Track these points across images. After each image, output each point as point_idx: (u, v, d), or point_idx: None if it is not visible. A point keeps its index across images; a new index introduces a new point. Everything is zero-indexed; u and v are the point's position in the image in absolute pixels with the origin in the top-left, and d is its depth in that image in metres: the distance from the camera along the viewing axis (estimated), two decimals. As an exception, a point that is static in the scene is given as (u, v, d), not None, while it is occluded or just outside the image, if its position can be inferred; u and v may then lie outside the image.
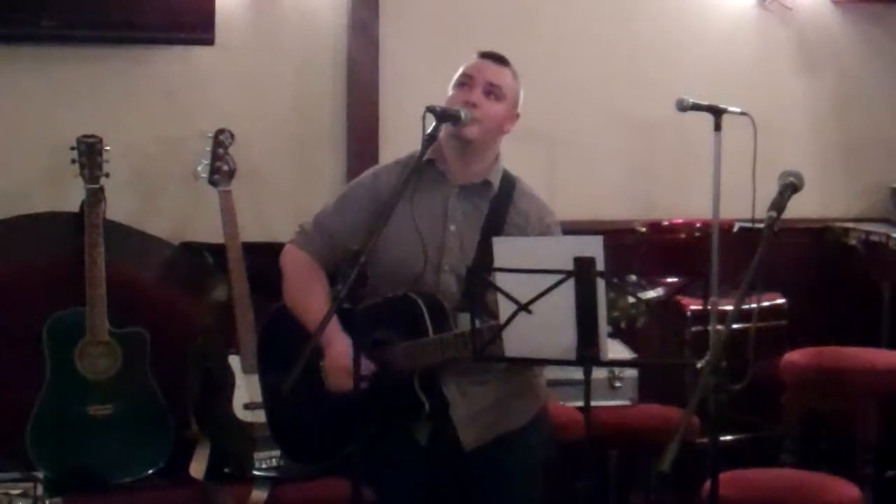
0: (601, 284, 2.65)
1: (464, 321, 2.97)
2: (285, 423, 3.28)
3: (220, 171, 4.02)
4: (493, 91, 3.07)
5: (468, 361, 2.92)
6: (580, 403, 2.86)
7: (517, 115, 3.16)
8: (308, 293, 3.17)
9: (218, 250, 4.04)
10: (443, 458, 3.09)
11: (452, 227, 3.09)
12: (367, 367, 2.93)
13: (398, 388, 3.02)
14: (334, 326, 2.98)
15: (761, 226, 2.69)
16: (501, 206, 3.11)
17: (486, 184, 3.13)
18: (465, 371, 3.03)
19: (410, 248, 3.09)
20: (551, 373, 3.65)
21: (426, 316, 3.00)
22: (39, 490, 3.32)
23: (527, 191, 3.18)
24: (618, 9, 4.83)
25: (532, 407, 3.18)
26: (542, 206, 3.18)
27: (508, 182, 3.17)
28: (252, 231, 4.23)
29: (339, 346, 3.02)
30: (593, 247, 2.65)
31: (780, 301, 4.57)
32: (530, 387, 3.18)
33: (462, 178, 3.13)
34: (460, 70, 3.13)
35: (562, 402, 4.03)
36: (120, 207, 4.10)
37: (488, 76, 3.08)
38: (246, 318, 3.85)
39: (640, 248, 4.56)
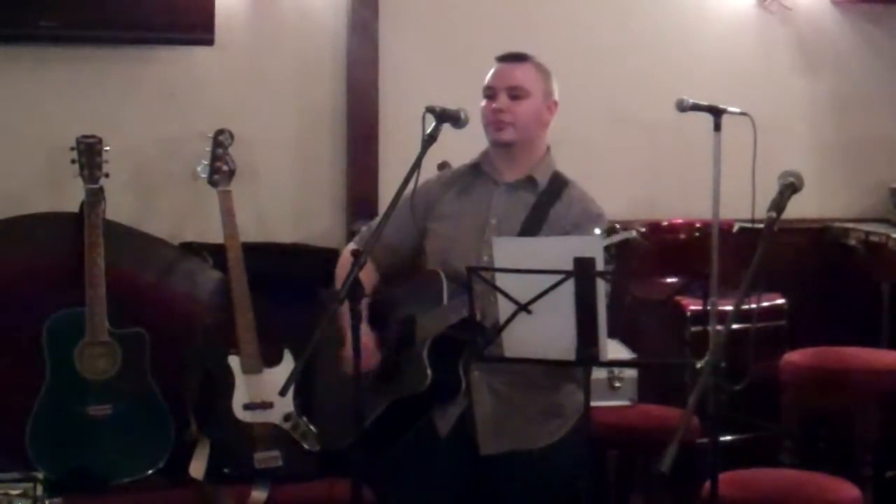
0: (601, 284, 2.65)
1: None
2: (316, 407, 3.45)
3: (220, 171, 4.02)
4: (516, 93, 3.16)
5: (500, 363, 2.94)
6: (580, 403, 2.86)
7: (554, 103, 3.27)
8: (341, 277, 3.24)
9: (218, 250, 4.04)
10: (459, 458, 3.11)
11: (493, 221, 3.18)
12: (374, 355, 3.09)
13: (408, 361, 3.08)
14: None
15: (761, 226, 2.69)
16: (546, 203, 3.18)
17: (531, 179, 3.20)
18: (498, 370, 3.06)
19: (436, 244, 3.20)
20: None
21: (444, 289, 3.06)
22: (39, 490, 3.31)
23: (578, 188, 3.26)
24: (618, 9, 4.83)
25: (559, 429, 3.16)
26: (589, 200, 3.25)
27: (560, 182, 3.24)
28: (252, 231, 4.24)
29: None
30: (593, 247, 2.66)
31: (780, 301, 4.57)
32: (561, 409, 3.17)
33: (509, 176, 3.22)
34: (484, 82, 3.20)
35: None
36: (120, 207, 4.10)
37: (507, 81, 3.18)
38: (246, 318, 3.86)
39: (639, 249, 4.55)
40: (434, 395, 3.07)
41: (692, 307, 4.35)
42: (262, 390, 3.80)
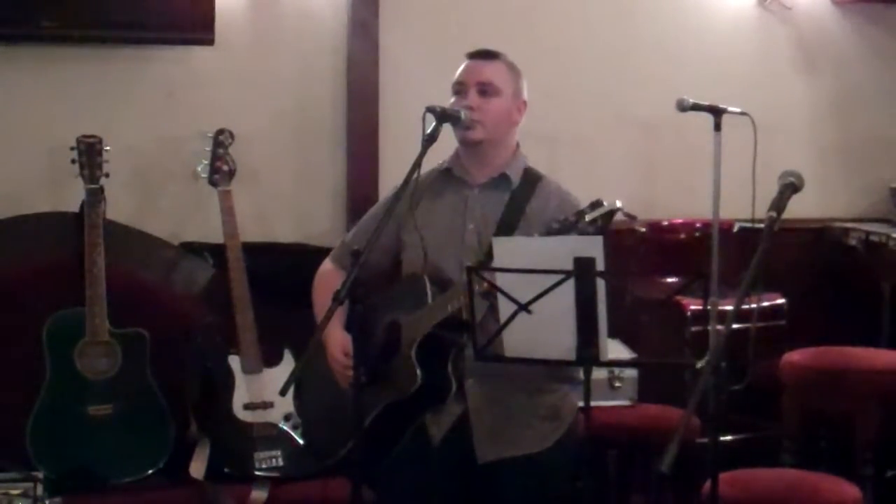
0: (601, 285, 2.65)
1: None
2: (309, 419, 3.39)
3: (220, 171, 4.02)
4: (486, 89, 3.10)
5: (496, 367, 2.91)
6: (580, 403, 2.86)
7: (524, 103, 3.19)
8: (318, 296, 3.26)
9: (218, 250, 4.05)
10: (455, 467, 3.08)
11: (471, 226, 3.13)
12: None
13: (397, 364, 3.06)
14: (333, 323, 3.00)
15: (761, 226, 2.69)
16: (521, 199, 3.12)
17: (504, 177, 3.15)
18: (494, 376, 3.03)
19: (414, 253, 3.13)
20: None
21: (429, 291, 3.04)
22: (39, 490, 3.32)
23: (552, 181, 3.19)
24: (618, 8, 4.83)
25: (555, 432, 3.13)
26: (565, 192, 3.18)
27: (533, 177, 3.18)
28: (252, 231, 4.24)
29: (334, 342, 3.08)
30: (593, 247, 2.66)
31: (780, 301, 4.57)
32: (557, 410, 3.14)
33: (480, 177, 3.16)
34: (454, 78, 3.15)
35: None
36: (120, 207, 4.11)
37: (477, 76, 3.12)
38: (246, 318, 3.86)
39: (640, 248, 4.56)
40: (425, 396, 3.04)
41: (692, 307, 4.35)
42: (262, 390, 3.80)
